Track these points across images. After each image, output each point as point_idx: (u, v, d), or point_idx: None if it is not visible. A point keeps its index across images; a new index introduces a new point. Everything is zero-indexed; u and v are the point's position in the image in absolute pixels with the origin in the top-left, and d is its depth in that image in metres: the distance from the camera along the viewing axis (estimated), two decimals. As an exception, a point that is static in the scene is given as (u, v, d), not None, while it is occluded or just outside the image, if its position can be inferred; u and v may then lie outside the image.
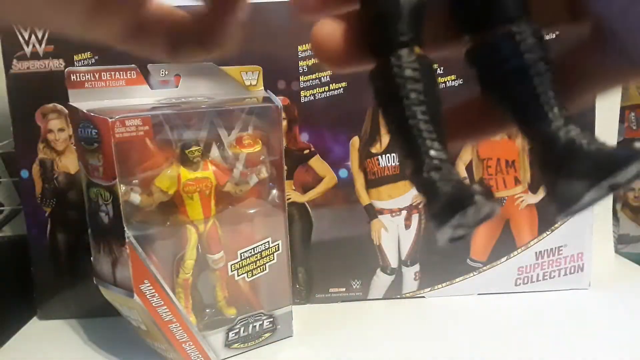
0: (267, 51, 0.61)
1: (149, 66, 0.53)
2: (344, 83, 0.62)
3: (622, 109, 0.74)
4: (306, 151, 0.64)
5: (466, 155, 0.64)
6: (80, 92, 0.50)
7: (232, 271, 0.55)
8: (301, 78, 0.62)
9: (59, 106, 0.61)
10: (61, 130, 0.62)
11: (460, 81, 0.63)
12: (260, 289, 0.57)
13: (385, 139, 0.64)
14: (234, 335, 0.55)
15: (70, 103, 0.50)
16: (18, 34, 0.60)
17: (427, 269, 0.66)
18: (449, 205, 0.15)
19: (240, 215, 0.55)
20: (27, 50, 0.60)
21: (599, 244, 0.70)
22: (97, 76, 0.51)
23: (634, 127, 0.78)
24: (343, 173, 0.64)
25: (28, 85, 0.61)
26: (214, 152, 0.54)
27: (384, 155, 0.64)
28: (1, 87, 0.61)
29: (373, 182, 0.65)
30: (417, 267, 0.66)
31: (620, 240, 0.79)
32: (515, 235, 0.66)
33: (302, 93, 0.62)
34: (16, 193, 0.70)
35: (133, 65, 0.52)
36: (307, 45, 0.61)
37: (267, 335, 0.57)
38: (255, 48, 0.61)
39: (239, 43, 0.20)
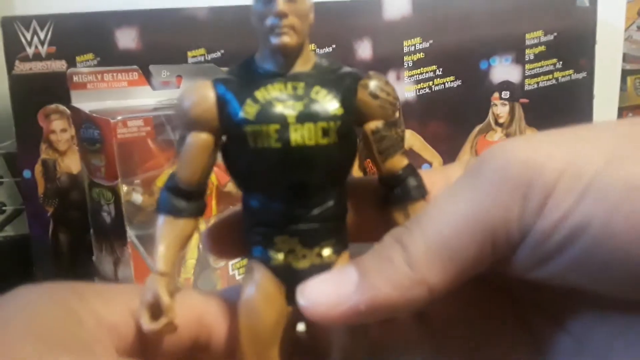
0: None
1: (151, 67, 0.54)
2: (344, 84, 0.62)
3: (620, 110, 0.74)
4: (306, 151, 0.64)
5: (465, 156, 0.65)
6: (82, 93, 0.50)
7: (232, 270, 0.55)
8: (301, 79, 0.62)
9: (62, 107, 0.61)
10: (63, 130, 0.62)
11: (459, 82, 0.63)
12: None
13: (384, 139, 0.64)
14: (234, 334, 0.55)
15: (73, 104, 0.50)
16: (20, 35, 0.60)
17: (426, 268, 0.66)
18: None
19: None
20: (30, 51, 0.61)
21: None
22: (99, 77, 0.51)
23: (633, 128, 0.78)
24: (343, 173, 0.64)
25: (30, 86, 0.61)
26: (215, 152, 0.54)
27: (383, 156, 0.64)
28: (4, 88, 0.61)
29: (373, 182, 0.65)
30: (416, 267, 0.67)
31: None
32: (514, 235, 0.66)
33: (303, 94, 0.63)
34: (19, 193, 0.70)
35: (135, 66, 0.53)
36: (307, 46, 0.62)
37: (267, 334, 0.57)
38: (255, 48, 0.61)
39: None
